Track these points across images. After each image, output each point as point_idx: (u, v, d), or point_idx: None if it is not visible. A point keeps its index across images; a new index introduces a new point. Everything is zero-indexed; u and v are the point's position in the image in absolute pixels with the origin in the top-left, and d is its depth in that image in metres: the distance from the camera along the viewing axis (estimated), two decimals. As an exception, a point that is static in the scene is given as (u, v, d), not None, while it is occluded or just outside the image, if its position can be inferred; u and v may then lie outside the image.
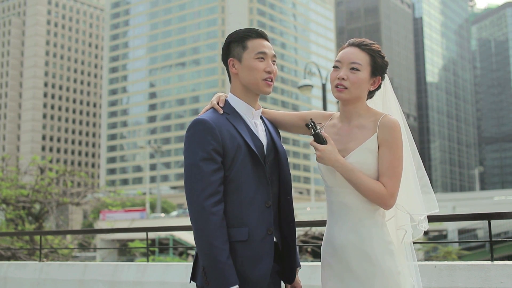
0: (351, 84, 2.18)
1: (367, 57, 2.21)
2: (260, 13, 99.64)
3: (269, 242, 2.15)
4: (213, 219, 2.04)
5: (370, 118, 2.21)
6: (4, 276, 5.23)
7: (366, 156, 2.15)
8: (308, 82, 15.73)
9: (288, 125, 2.44)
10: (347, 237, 2.15)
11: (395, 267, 2.14)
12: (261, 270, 2.11)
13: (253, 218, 2.13)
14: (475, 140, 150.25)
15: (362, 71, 2.19)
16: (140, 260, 18.93)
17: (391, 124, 2.15)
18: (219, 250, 2.02)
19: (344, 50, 2.27)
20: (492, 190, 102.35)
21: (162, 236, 33.28)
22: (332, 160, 2.13)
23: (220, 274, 2.01)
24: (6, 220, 12.04)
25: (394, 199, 2.12)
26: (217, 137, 2.10)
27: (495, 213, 3.14)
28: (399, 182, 2.14)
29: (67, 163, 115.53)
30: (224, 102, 2.27)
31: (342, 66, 2.21)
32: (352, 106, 2.23)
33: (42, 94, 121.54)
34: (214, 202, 2.06)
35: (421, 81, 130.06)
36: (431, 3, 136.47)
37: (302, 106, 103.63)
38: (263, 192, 2.17)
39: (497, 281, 2.84)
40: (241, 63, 2.22)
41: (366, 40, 2.27)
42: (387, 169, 2.12)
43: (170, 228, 4.72)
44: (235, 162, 2.12)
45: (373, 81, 2.24)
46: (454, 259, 19.57)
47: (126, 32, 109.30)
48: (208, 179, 2.07)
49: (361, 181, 2.10)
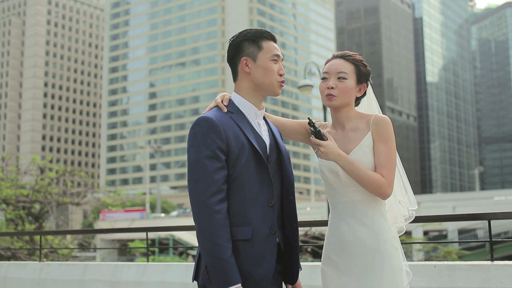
0: (339, 91, 2.35)
1: (352, 66, 2.39)
2: (260, 13, 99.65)
3: (272, 241, 2.15)
4: (217, 217, 2.04)
5: (362, 120, 2.38)
6: (4, 276, 5.23)
7: (364, 154, 2.30)
8: (308, 82, 15.76)
9: (288, 130, 2.53)
10: (357, 233, 2.26)
11: (399, 263, 2.28)
12: (264, 269, 2.11)
13: (256, 217, 2.13)
14: (475, 140, 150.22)
15: (349, 79, 2.37)
16: (140, 260, 18.92)
17: (383, 120, 2.33)
18: (222, 248, 2.02)
19: (330, 62, 2.44)
20: (492, 190, 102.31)
21: (162, 236, 33.28)
22: (335, 154, 2.25)
23: (222, 273, 2.01)
24: (6, 220, 12.04)
25: (391, 188, 2.26)
26: (222, 136, 2.11)
27: (495, 213, 3.14)
28: (394, 172, 2.29)
29: (67, 163, 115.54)
30: (228, 101, 2.27)
31: (330, 76, 2.39)
32: (344, 112, 2.40)
33: (42, 94, 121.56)
34: (218, 200, 2.06)
35: (421, 81, 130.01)
36: (431, 3, 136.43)
37: (302, 106, 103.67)
38: (266, 191, 2.17)
39: (497, 281, 2.84)
40: (256, 63, 2.23)
41: (348, 52, 2.46)
42: (383, 161, 2.28)
43: (170, 228, 4.71)
44: (239, 161, 2.13)
45: (359, 88, 2.43)
46: (454, 259, 19.55)
47: (126, 32, 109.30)
48: (212, 177, 2.07)
49: (362, 172, 2.24)
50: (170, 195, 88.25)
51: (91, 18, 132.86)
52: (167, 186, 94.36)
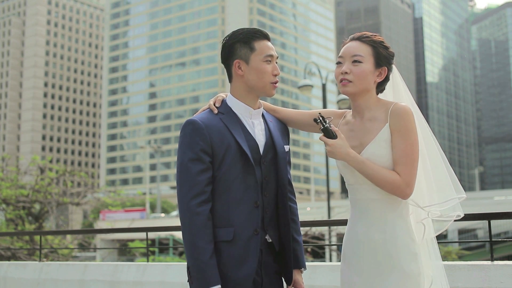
0: (354, 76, 2.15)
1: (369, 48, 2.18)
2: (260, 13, 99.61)
3: (255, 242, 2.13)
4: (197, 219, 2.05)
5: (381, 109, 2.17)
6: (4, 276, 5.23)
7: (382, 148, 2.11)
8: (308, 82, 15.74)
9: (300, 123, 2.40)
10: (370, 234, 2.11)
11: (416, 269, 2.09)
12: (244, 271, 2.10)
13: (240, 218, 2.12)
14: (475, 140, 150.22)
15: (365, 62, 2.16)
16: (140, 260, 18.91)
17: (402, 111, 2.11)
18: (201, 250, 2.03)
19: (345, 45, 2.25)
20: (492, 190, 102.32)
21: (162, 236, 33.25)
22: (343, 154, 2.10)
23: (202, 274, 2.02)
24: (6, 220, 12.03)
25: (410, 188, 2.06)
26: (205, 138, 2.11)
27: (495, 213, 3.14)
28: (415, 169, 2.08)
29: (67, 163, 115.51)
30: (221, 102, 2.26)
31: (345, 61, 2.19)
32: (362, 100, 2.19)
33: (42, 94, 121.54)
34: (199, 202, 2.07)
35: (421, 81, 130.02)
36: (431, 3, 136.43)
37: (302, 106, 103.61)
38: (253, 192, 2.15)
39: (497, 281, 2.84)
40: (249, 65, 2.19)
41: (367, 32, 2.25)
42: (400, 157, 2.07)
43: (170, 228, 4.70)
44: (224, 162, 2.12)
45: (379, 72, 2.20)
46: (454, 259, 19.54)
47: (126, 32, 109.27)
48: (195, 179, 2.08)
49: (375, 172, 2.06)
50: (170, 195, 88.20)
51: (91, 18, 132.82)
52: (167, 186, 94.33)
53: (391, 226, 2.10)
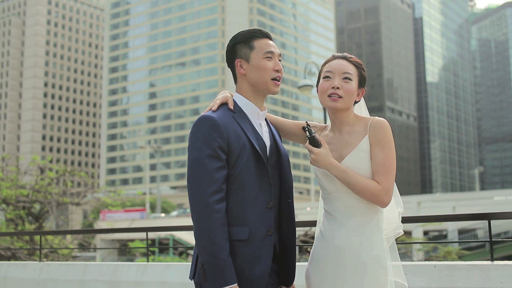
0: (345, 93, 2.24)
1: (355, 68, 2.29)
2: (260, 13, 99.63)
3: (268, 242, 2.15)
4: (216, 216, 2.03)
5: (360, 123, 2.28)
6: (4, 276, 5.23)
7: (360, 158, 2.20)
8: (308, 82, 15.76)
9: (286, 131, 2.47)
10: (349, 239, 2.17)
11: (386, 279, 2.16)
12: (259, 270, 2.11)
13: (254, 218, 2.13)
14: (475, 140, 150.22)
15: (353, 81, 2.27)
16: (140, 260, 18.91)
17: (382, 124, 2.22)
18: (220, 247, 2.01)
19: (332, 62, 2.32)
20: (492, 190, 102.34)
21: (162, 236, 33.29)
22: (326, 163, 2.17)
23: (219, 272, 2.01)
24: (6, 220, 12.03)
25: (389, 196, 2.16)
26: (223, 135, 2.10)
27: (495, 213, 3.13)
28: (393, 179, 2.18)
29: (67, 163, 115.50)
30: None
31: (334, 76, 2.26)
32: (344, 116, 2.29)
33: (42, 94, 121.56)
34: (218, 199, 2.06)
35: (421, 81, 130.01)
36: (431, 3, 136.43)
37: (302, 106, 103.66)
38: (265, 193, 2.17)
39: (497, 281, 2.84)
40: (249, 63, 2.23)
41: (348, 54, 2.36)
42: (379, 167, 2.17)
43: (170, 228, 4.71)
44: (239, 161, 2.12)
45: (358, 93, 2.33)
46: (454, 259, 19.54)
47: (126, 32, 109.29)
48: (213, 176, 2.06)
49: (355, 180, 2.14)
50: (170, 195, 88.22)
51: (91, 18, 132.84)
52: (167, 186, 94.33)
53: (367, 235, 2.17)
